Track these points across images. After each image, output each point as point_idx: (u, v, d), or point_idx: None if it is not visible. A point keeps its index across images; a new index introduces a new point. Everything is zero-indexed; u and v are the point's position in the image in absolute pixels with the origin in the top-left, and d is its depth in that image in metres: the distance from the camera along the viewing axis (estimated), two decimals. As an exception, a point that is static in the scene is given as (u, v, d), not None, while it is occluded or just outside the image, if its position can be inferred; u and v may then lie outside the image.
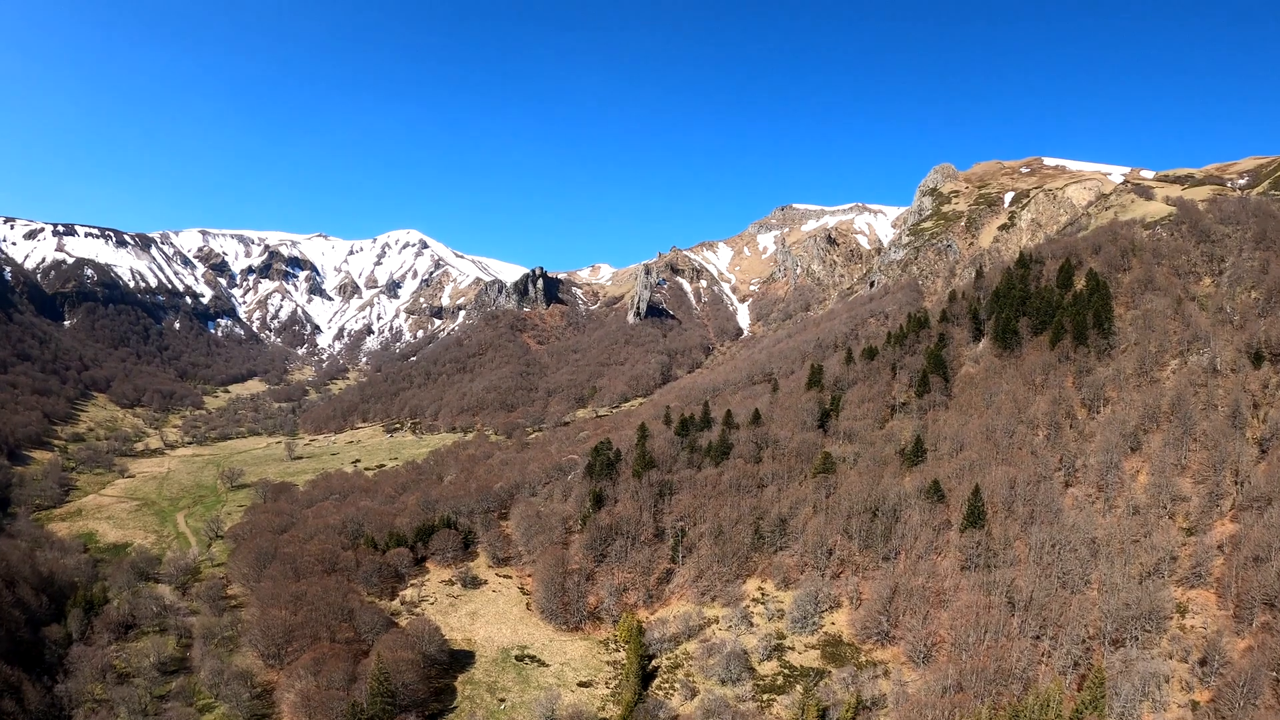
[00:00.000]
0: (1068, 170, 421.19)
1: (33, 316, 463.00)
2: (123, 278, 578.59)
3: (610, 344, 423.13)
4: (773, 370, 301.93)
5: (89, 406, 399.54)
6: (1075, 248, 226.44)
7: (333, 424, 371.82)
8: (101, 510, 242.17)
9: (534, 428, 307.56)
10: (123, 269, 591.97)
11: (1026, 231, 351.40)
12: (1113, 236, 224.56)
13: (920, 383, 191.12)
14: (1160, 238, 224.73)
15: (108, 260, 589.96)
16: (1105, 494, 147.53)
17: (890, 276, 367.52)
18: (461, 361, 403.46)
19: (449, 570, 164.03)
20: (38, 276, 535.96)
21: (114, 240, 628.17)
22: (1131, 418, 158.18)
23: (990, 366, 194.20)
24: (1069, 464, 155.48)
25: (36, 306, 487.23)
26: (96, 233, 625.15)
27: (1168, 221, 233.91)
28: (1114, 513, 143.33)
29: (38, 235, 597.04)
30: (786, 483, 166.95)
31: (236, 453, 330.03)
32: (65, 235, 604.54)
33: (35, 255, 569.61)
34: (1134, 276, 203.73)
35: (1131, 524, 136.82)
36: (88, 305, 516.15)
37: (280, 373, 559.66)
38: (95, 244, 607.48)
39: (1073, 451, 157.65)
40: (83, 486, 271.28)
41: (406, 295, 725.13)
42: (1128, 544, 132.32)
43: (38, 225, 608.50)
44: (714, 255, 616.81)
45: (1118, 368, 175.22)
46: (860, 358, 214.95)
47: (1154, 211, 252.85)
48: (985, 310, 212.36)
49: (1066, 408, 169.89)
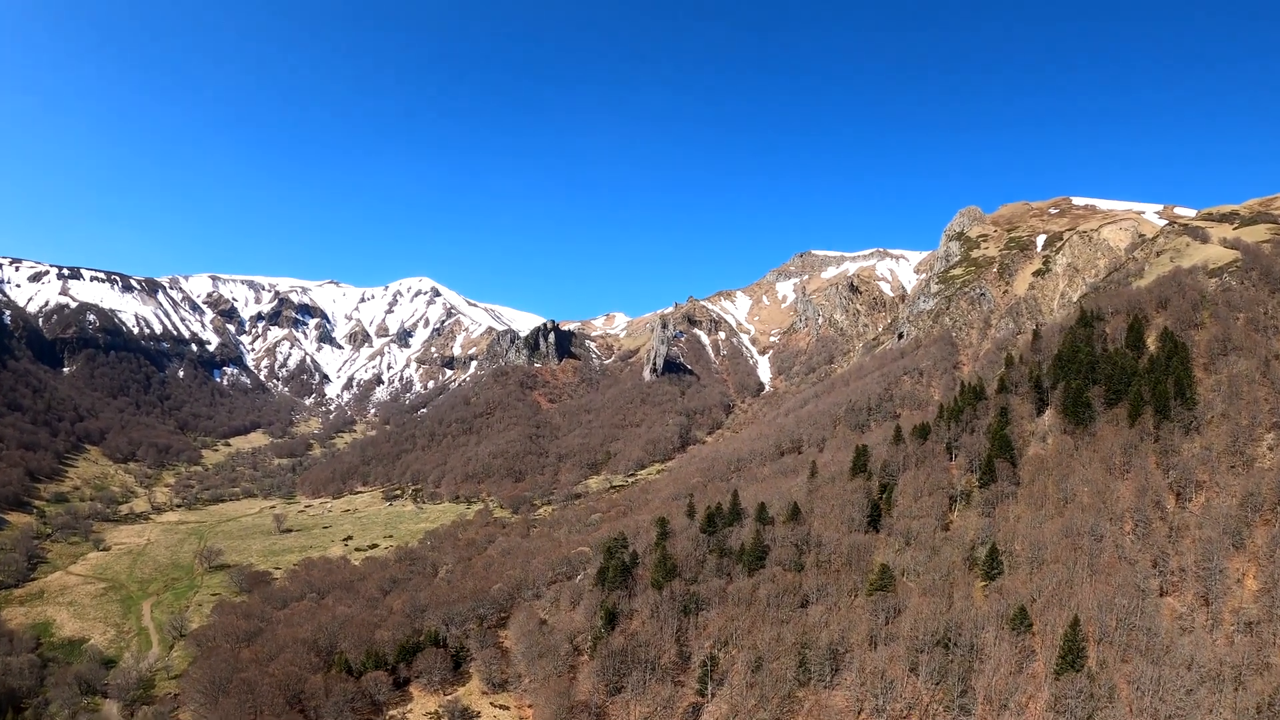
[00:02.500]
0: (1098, 210, 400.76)
1: (30, 363, 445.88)
2: (126, 323, 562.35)
3: (625, 403, 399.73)
4: (802, 438, 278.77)
5: (79, 461, 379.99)
6: (1139, 301, 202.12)
7: (331, 487, 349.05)
8: (65, 593, 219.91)
9: (542, 500, 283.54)
10: (127, 314, 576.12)
11: (1063, 277, 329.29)
12: (1179, 288, 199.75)
13: (985, 469, 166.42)
14: (1229, 286, 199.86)
15: (112, 305, 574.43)
16: (1210, 605, 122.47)
17: (920, 328, 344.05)
18: (468, 422, 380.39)
19: (435, 698, 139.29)
20: (39, 321, 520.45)
21: (120, 285, 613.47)
22: (1229, 507, 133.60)
23: (1061, 446, 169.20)
24: (1162, 565, 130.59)
25: (35, 352, 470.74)
26: (102, 277, 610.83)
27: (1235, 268, 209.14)
28: (1222, 628, 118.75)
29: (42, 278, 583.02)
30: (836, 599, 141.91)
31: (225, 520, 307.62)
32: (70, 279, 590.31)
33: (39, 298, 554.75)
34: (1209, 334, 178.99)
35: (1244, 643, 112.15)
36: (88, 352, 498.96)
37: (285, 424, 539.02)
38: (100, 288, 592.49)
39: (1165, 550, 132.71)
40: (53, 560, 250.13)
41: (418, 344, 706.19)
42: (1242, 669, 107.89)
43: (43, 268, 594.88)
44: (732, 305, 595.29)
45: (1206, 444, 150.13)
46: (911, 437, 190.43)
47: (1215, 256, 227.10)
48: (1048, 377, 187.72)
49: (1154, 496, 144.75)
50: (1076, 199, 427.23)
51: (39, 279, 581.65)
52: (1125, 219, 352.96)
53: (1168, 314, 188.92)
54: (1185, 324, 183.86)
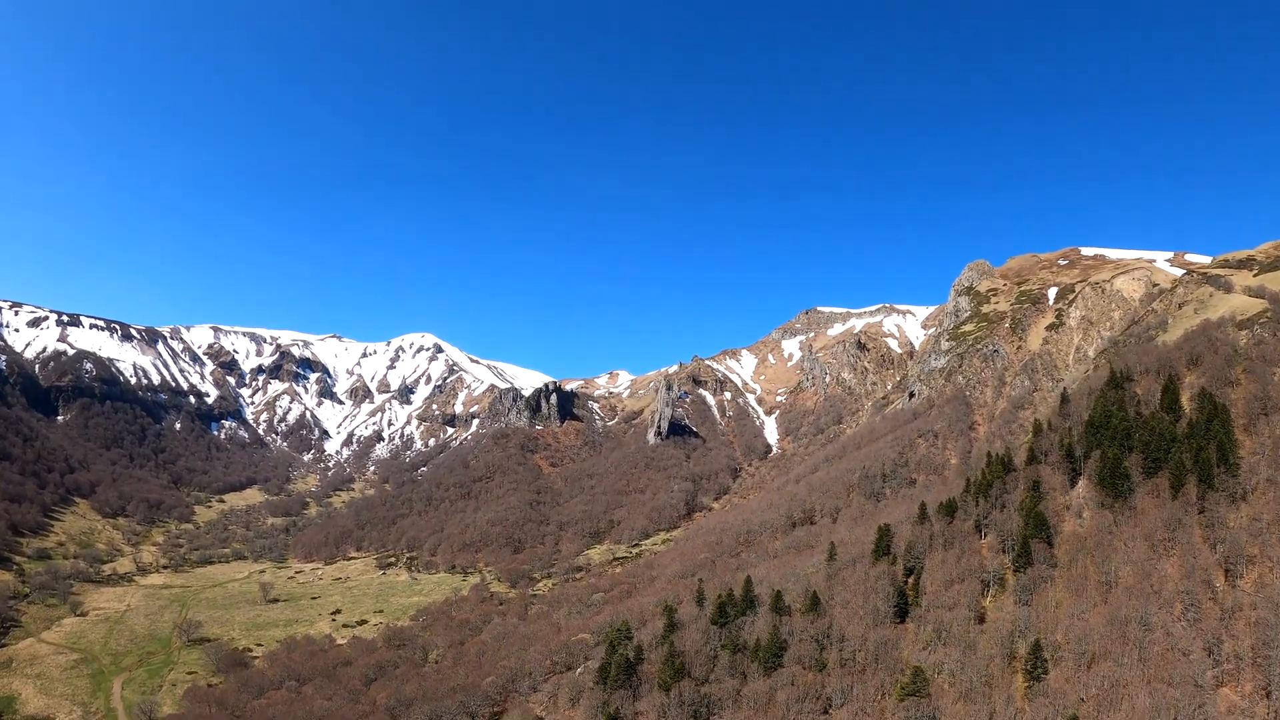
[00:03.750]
0: (1108, 260, 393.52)
1: (23, 410, 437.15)
2: (124, 373, 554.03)
3: (629, 468, 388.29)
4: (814, 508, 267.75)
5: (67, 514, 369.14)
6: (1169, 359, 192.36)
7: (324, 551, 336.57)
8: (35, 663, 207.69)
9: (542, 573, 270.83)
10: (125, 364, 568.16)
11: (1077, 330, 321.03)
12: (1209, 342, 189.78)
13: (1020, 550, 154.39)
14: (1262, 339, 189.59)
15: (110, 354, 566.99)
16: (1271, 697, 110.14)
17: (932, 387, 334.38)
18: (467, 486, 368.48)
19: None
20: (36, 367, 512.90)
21: (119, 334, 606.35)
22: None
23: (1099, 522, 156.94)
24: (1217, 653, 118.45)
25: (29, 399, 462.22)
26: (102, 324, 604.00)
27: (1265, 319, 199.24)
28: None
29: (41, 324, 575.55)
30: (863, 703, 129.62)
31: (211, 584, 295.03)
32: (69, 325, 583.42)
33: (36, 344, 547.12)
34: (1246, 392, 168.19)
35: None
36: (83, 401, 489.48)
37: (282, 481, 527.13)
38: (99, 336, 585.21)
39: (1219, 635, 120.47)
40: (27, 623, 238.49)
41: (419, 401, 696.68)
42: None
43: (43, 313, 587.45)
44: (737, 364, 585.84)
45: (1254, 514, 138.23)
46: (937, 514, 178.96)
47: (1241, 307, 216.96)
48: (1080, 445, 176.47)
49: (1203, 574, 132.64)
50: (1085, 249, 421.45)
51: (38, 324, 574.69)
52: (1137, 268, 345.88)
53: (1200, 371, 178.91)
54: (1220, 382, 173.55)
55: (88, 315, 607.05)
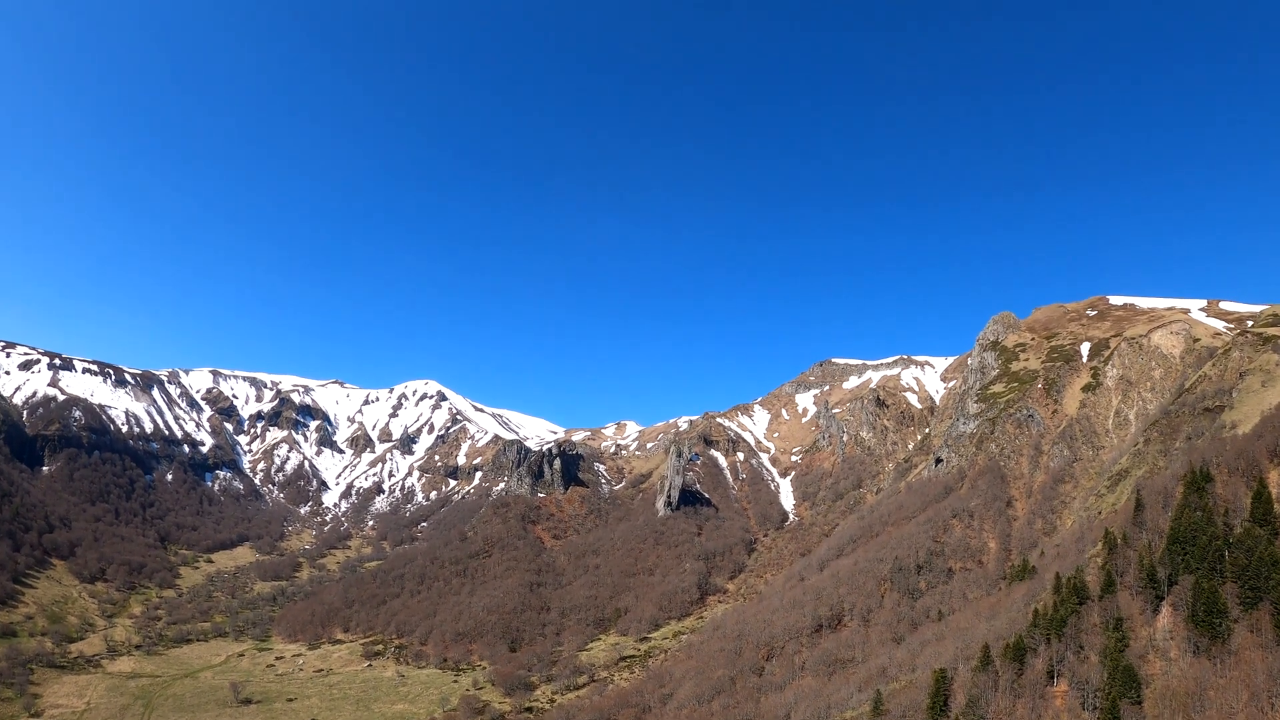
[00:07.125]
0: (1138, 309, 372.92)
1: (4, 461, 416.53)
2: (115, 420, 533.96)
3: (638, 542, 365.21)
4: (843, 606, 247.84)
5: (41, 579, 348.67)
6: (1248, 451, 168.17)
7: (310, 630, 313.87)
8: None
9: (541, 677, 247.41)
10: (117, 410, 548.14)
11: (1116, 391, 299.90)
12: None
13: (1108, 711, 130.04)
14: None
15: (102, 400, 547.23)
16: None
17: (962, 455, 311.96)
18: (462, 562, 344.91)
19: None
20: (24, 413, 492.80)
21: (113, 378, 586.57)
22: None
23: (1192, 672, 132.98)
24: None
25: (14, 448, 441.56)
26: (95, 369, 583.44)
27: None
28: None
29: (33, 366, 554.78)
30: None
31: (183, 674, 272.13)
32: (62, 369, 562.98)
33: (26, 389, 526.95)
34: None
35: None
36: (69, 451, 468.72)
37: (275, 538, 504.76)
38: (91, 381, 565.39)
39: None
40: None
41: (421, 451, 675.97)
42: None
43: (35, 355, 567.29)
44: (749, 420, 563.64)
45: None
46: (1002, 659, 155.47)
47: None
48: (1163, 564, 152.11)
49: None
50: (1114, 298, 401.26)
51: (29, 367, 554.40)
52: (1172, 320, 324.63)
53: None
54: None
55: (81, 359, 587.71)
